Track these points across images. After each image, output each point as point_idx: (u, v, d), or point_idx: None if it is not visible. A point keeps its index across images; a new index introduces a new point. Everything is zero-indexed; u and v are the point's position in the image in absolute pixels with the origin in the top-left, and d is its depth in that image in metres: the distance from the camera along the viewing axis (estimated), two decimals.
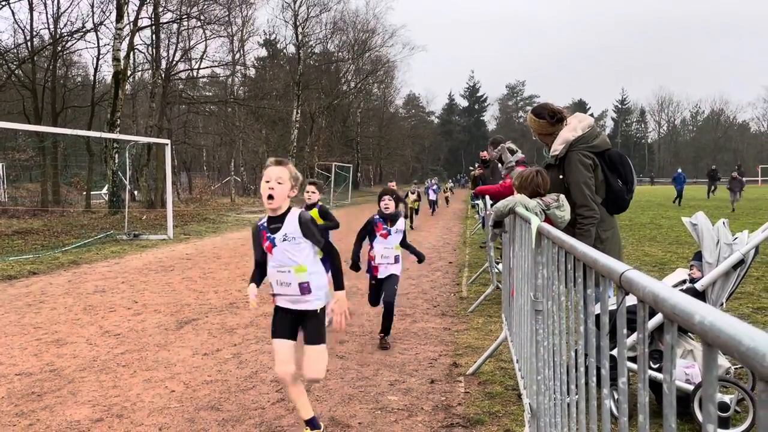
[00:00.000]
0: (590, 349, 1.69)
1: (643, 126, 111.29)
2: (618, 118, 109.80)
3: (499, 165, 7.83)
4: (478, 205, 15.67)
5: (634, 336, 3.29)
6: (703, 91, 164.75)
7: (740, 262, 3.38)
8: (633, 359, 3.30)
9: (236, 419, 3.83)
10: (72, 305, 7.45)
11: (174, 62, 31.80)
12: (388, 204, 5.62)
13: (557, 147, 4.16)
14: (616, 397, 2.76)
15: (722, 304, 3.47)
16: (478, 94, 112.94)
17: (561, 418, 2.12)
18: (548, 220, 3.85)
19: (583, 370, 1.79)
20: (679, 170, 27.86)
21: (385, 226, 5.61)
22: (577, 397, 1.85)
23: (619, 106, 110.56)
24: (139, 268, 10.63)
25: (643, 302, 1.07)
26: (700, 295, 3.45)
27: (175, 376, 4.70)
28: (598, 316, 1.64)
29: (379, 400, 4.15)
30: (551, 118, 4.24)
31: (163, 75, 29.55)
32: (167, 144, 17.78)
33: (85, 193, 26.55)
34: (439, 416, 3.85)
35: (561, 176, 4.17)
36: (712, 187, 32.74)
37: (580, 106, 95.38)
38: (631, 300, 2.15)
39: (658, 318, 3.16)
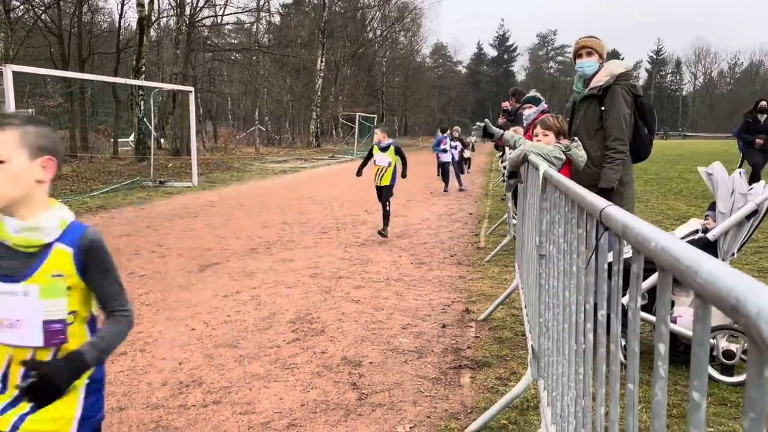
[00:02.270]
0: (582, 290, 1.74)
1: (678, 78, 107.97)
2: (652, 70, 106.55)
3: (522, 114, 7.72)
4: (500, 155, 15.57)
5: (645, 284, 3.32)
6: (742, 41, 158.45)
7: (754, 212, 3.35)
8: (643, 309, 3.34)
9: (253, 356, 3.99)
10: None
11: (198, 8, 31.51)
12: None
13: (602, 78, 4.17)
14: (623, 343, 2.81)
15: (733, 254, 3.47)
16: (508, 44, 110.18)
17: (557, 357, 2.18)
18: (568, 162, 3.85)
19: (583, 315, 1.84)
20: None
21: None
22: (584, 346, 1.90)
23: (654, 56, 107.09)
24: (164, 214, 10.86)
25: (618, 236, 1.10)
26: (712, 245, 3.45)
27: (195, 315, 4.87)
28: (609, 265, 1.67)
29: (390, 342, 4.27)
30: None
31: (187, 21, 29.36)
32: (191, 92, 17.84)
33: (112, 140, 26.91)
34: (448, 358, 3.96)
35: (602, 107, 4.17)
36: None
37: (614, 56, 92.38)
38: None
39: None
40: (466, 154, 21.31)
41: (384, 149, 8.37)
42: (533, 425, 2.99)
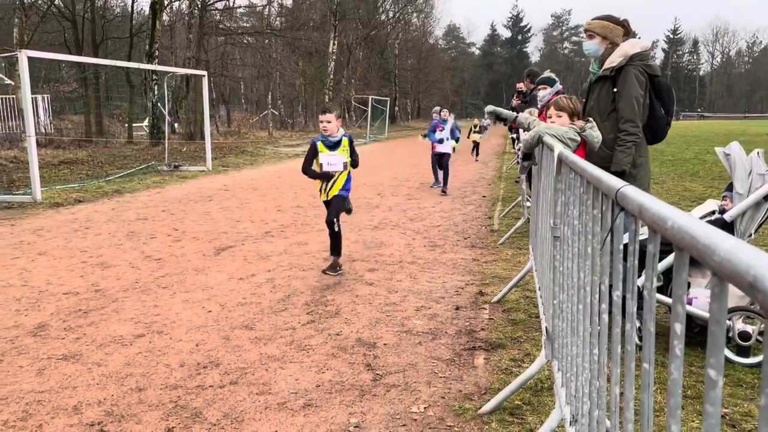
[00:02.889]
0: (597, 272, 1.73)
1: (695, 58, 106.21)
2: (669, 49, 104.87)
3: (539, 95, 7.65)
4: (514, 137, 15.40)
5: (661, 265, 3.31)
6: (761, 19, 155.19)
7: None
8: (658, 291, 3.33)
9: (268, 338, 4.03)
10: (115, 231, 7.78)
11: None
12: None
13: (615, 59, 4.09)
14: (637, 325, 2.80)
15: (750, 235, 3.44)
16: (522, 24, 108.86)
17: (572, 338, 2.19)
18: (584, 144, 3.82)
19: (598, 296, 1.84)
20: None
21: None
22: (600, 328, 1.90)
23: (671, 36, 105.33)
24: (179, 198, 10.94)
25: (634, 217, 1.10)
26: (729, 226, 3.42)
27: (211, 297, 4.93)
28: (626, 246, 1.67)
29: (404, 323, 4.29)
30: (624, 27, 4.20)
31: (199, 5, 29.28)
32: (204, 76, 17.85)
33: (126, 125, 27.05)
34: (462, 340, 3.98)
35: (615, 89, 4.11)
36: None
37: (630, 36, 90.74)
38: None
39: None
40: (478, 138, 19.31)
41: (335, 146, 5.51)
42: (547, 406, 3.00)
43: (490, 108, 5.31)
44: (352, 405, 3.09)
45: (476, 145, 19.79)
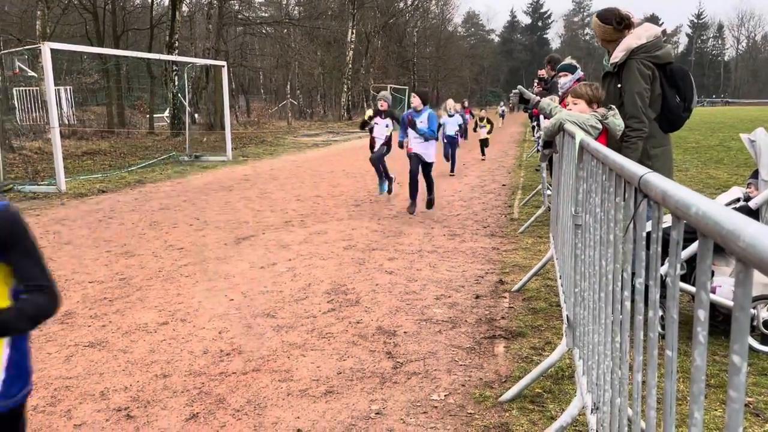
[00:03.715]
0: (619, 259, 1.72)
1: (720, 42, 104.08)
2: (693, 34, 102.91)
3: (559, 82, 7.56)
4: (536, 126, 15.26)
5: (684, 253, 3.27)
6: None
7: None
8: (681, 279, 3.29)
9: (290, 326, 4.07)
10: (138, 221, 7.89)
11: None
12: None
13: (618, 54, 3.99)
14: (660, 313, 2.78)
15: None
16: (542, 10, 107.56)
17: (593, 326, 2.18)
18: (605, 132, 3.77)
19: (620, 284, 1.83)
20: None
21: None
22: (621, 317, 1.89)
23: (695, 20, 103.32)
24: (200, 188, 11.04)
25: (657, 204, 1.09)
26: (754, 214, 3.37)
27: (233, 286, 4.98)
28: (648, 233, 1.66)
29: (424, 312, 4.31)
30: (618, 24, 4.05)
31: None
32: (224, 66, 17.94)
33: (148, 116, 27.32)
34: (482, 328, 3.98)
35: (619, 85, 4.04)
36: None
37: (653, 21, 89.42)
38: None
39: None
40: (484, 134, 16.01)
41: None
42: (568, 394, 3.00)
43: (518, 88, 5.26)
44: (373, 392, 3.12)
45: (483, 142, 16.06)
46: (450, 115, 12.86)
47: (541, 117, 8.44)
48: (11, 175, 12.36)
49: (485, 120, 16.38)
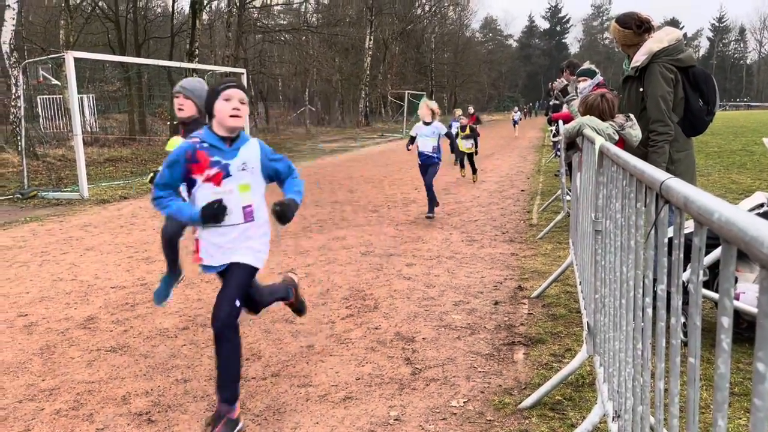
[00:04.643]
0: (640, 265, 1.71)
1: (742, 46, 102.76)
2: (714, 38, 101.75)
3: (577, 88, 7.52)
4: (553, 131, 15.16)
5: (706, 259, 3.23)
6: None
7: None
8: (703, 286, 3.25)
9: (308, 331, 4.09)
10: (159, 227, 7.96)
11: None
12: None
13: (639, 58, 3.97)
14: (682, 320, 2.75)
15: None
16: (561, 15, 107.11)
17: (614, 333, 2.16)
18: (621, 140, 3.74)
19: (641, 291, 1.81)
20: None
21: None
22: (643, 324, 1.88)
23: (717, 24, 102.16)
24: None
25: (679, 209, 1.08)
26: None
27: None
28: (670, 240, 1.64)
29: (443, 318, 4.30)
30: (638, 27, 4.02)
31: (237, 3, 29.71)
32: (243, 73, 18.11)
33: (168, 123, 27.64)
34: (501, 335, 3.96)
35: (641, 89, 4.00)
36: None
37: (673, 25, 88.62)
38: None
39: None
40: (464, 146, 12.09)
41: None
42: (589, 401, 2.97)
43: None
44: (392, 398, 3.11)
45: (463, 156, 12.49)
46: (426, 123, 8.27)
47: (560, 122, 8.39)
48: (35, 182, 12.57)
49: (467, 129, 12.21)
